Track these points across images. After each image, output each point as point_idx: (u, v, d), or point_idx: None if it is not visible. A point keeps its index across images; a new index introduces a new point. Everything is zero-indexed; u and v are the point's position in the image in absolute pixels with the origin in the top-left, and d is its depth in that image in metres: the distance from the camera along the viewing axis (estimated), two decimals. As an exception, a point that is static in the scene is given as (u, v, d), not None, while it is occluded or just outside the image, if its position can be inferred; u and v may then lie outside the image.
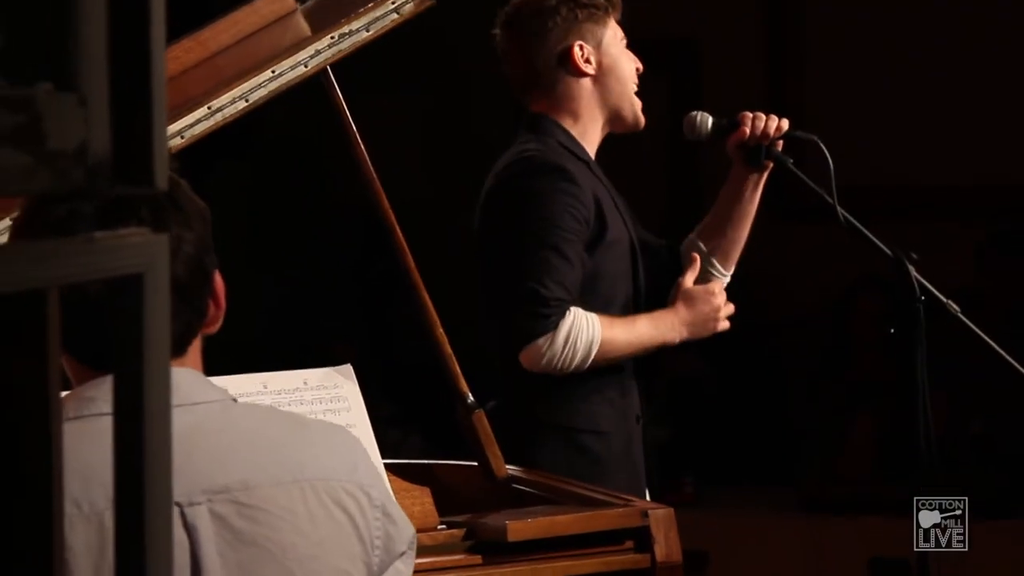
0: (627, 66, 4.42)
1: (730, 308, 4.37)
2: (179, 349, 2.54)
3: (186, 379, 2.52)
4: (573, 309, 4.18)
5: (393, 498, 2.72)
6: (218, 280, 2.60)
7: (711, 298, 4.31)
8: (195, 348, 2.59)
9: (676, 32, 4.58)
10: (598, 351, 4.20)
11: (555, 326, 4.16)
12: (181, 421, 2.46)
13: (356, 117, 3.64)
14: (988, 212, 7.12)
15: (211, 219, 2.55)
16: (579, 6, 4.36)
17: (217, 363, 3.17)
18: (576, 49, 4.37)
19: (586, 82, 4.40)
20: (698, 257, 4.39)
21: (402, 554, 2.67)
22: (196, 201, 2.53)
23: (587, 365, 4.21)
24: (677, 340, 4.34)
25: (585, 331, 4.17)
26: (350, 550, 2.58)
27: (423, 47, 6.46)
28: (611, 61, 4.40)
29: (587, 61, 4.38)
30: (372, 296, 7.78)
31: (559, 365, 4.18)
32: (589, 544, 3.44)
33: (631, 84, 4.43)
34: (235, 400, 2.62)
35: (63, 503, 1.44)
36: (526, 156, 4.33)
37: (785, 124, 4.39)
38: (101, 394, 2.43)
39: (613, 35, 4.41)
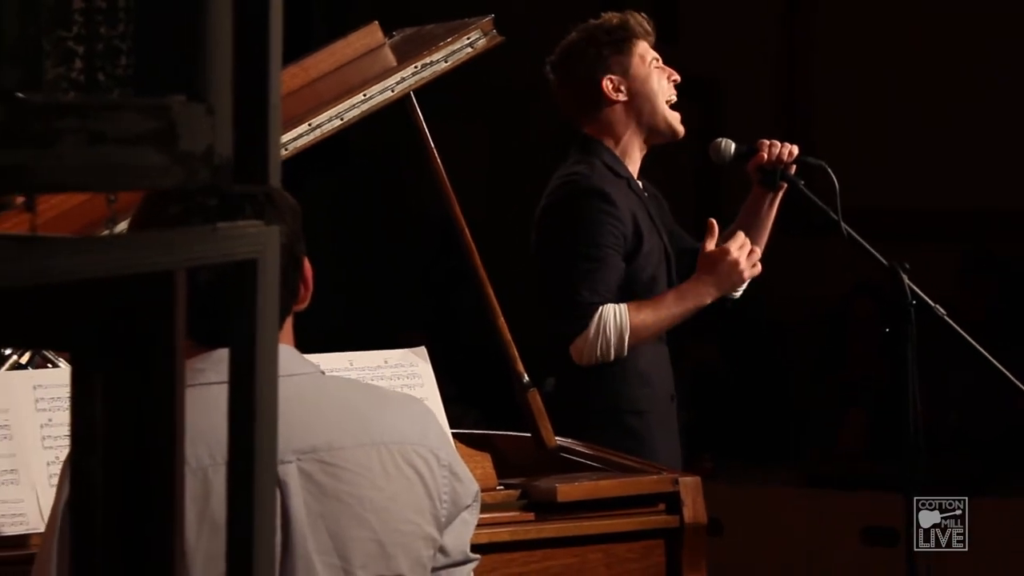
0: (657, 84, 4.40)
1: (756, 255, 4.31)
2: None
3: (283, 354, 2.52)
4: (602, 307, 4.19)
5: (460, 459, 2.72)
6: (307, 265, 2.62)
7: (727, 255, 4.25)
8: (288, 325, 2.61)
9: (704, 72, 4.58)
10: (631, 334, 4.21)
11: (586, 325, 4.18)
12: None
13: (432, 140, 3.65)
14: (963, 235, 7.09)
15: (301, 213, 2.57)
16: (602, 44, 4.38)
17: (308, 344, 3.17)
18: (606, 82, 4.37)
19: (619, 108, 4.40)
20: (715, 222, 4.35)
21: (468, 507, 2.68)
22: (288, 198, 2.54)
23: (627, 347, 4.22)
24: (708, 300, 4.29)
25: (612, 322, 4.19)
26: (419, 504, 2.59)
27: (490, 82, 6.47)
28: (639, 85, 4.39)
29: (617, 90, 4.38)
30: (438, 291, 7.79)
31: (599, 354, 4.20)
32: (627, 506, 3.43)
33: (662, 99, 4.40)
34: (323, 373, 2.64)
35: (184, 461, 1.44)
36: (572, 179, 4.35)
37: (797, 150, 4.38)
38: (209, 366, 2.45)
39: (640, 60, 4.39)
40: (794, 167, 4.40)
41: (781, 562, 6.32)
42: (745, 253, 4.28)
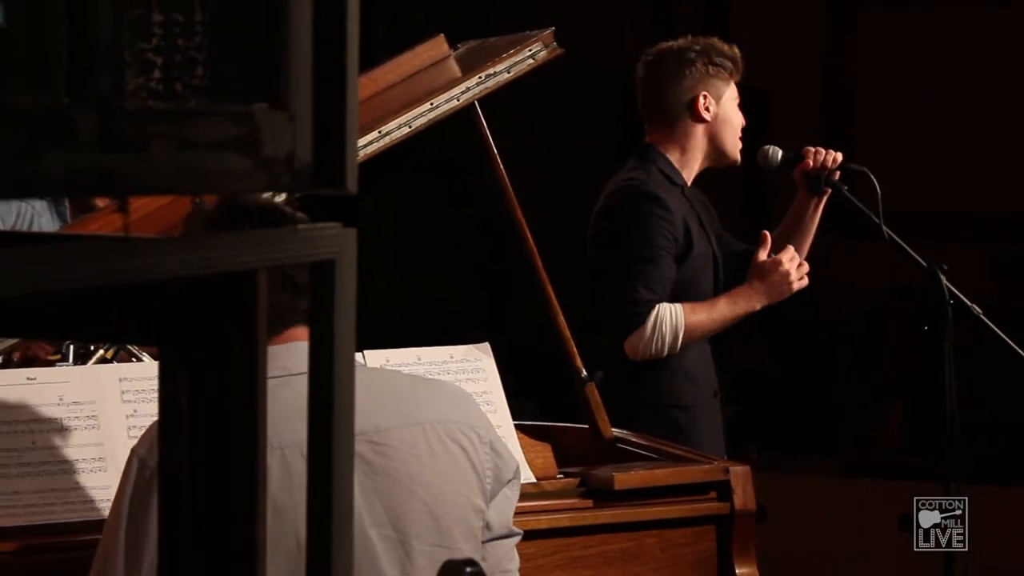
0: (736, 120, 4.40)
1: (804, 268, 4.30)
2: None
3: None
4: (659, 305, 4.19)
5: (499, 437, 2.77)
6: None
7: (778, 267, 4.26)
8: None
9: (753, 83, 4.55)
10: (685, 333, 4.22)
11: (643, 321, 4.17)
12: None
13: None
14: (999, 236, 7.06)
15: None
16: (712, 64, 4.36)
17: (375, 342, 3.17)
18: (701, 98, 4.36)
19: (702, 126, 4.39)
20: (768, 234, 4.35)
21: (509, 481, 2.72)
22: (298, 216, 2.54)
23: (680, 345, 4.21)
24: (758, 307, 4.29)
25: (668, 320, 4.19)
26: (466, 477, 2.63)
27: (553, 95, 6.48)
28: (725, 114, 4.38)
29: (707, 109, 4.36)
30: (497, 292, 7.79)
31: (653, 350, 4.21)
32: (680, 494, 3.42)
33: (738, 134, 4.41)
34: (364, 365, 2.75)
35: (266, 444, 1.44)
36: (630, 184, 4.34)
37: (840, 157, 4.37)
38: (279, 358, 2.47)
39: (731, 94, 4.40)
40: (838, 173, 4.38)
41: (822, 548, 6.30)
42: (795, 265, 4.28)
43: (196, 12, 1.32)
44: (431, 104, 3.48)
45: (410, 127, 3.45)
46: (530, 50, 3.61)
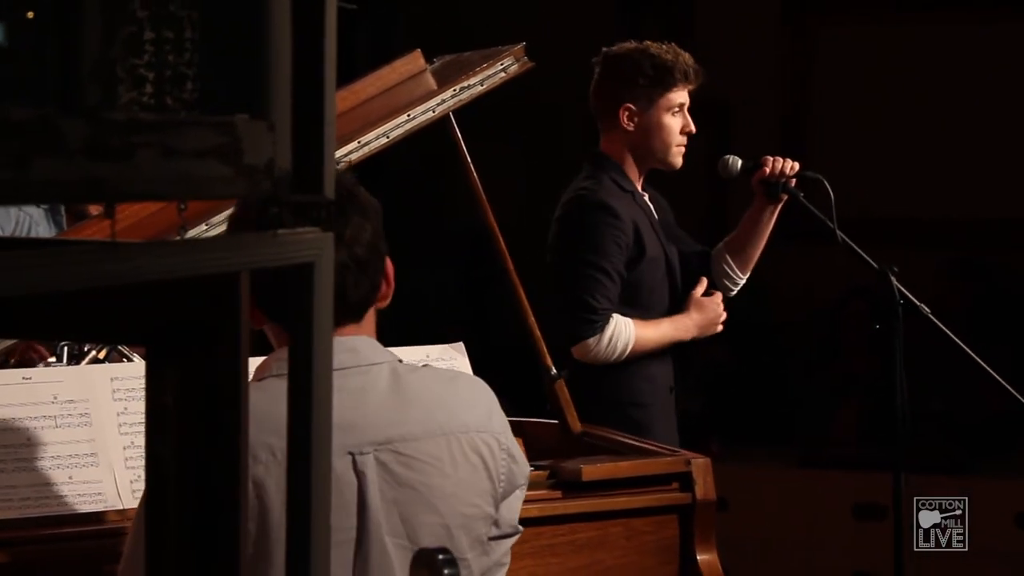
0: (670, 126, 4.35)
1: (723, 316, 4.39)
2: (358, 315, 2.52)
3: (363, 344, 2.50)
4: (615, 316, 4.23)
5: (515, 441, 2.68)
6: (388, 263, 2.59)
7: (716, 306, 4.36)
8: (370, 317, 2.56)
9: (714, 96, 4.56)
10: (632, 347, 4.27)
11: (601, 330, 4.21)
12: (356, 381, 2.46)
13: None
14: (946, 242, 7.08)
15: (382, 213, 2.55)
16: (643, 75, 4.31)
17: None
18: (623, 110, 4.34)
19: (625, 136, 4.37)
20: (704, 280, 4.41)
21: (520, 486, 2.64)
22: (372, 200, 2.53)
23: (625, 356, 4.24)
24: (688, 338, 4.40)
25: (623, 334, 4.24)
26: (482, 487, 2.55)
27: (525, 104, 6.47)
28: (653, 123, 4.34)
29: (630, 121, 4.34)
30: (473, 293, 7.78)
31: (601, 357, 4.25)
32: (644, 485, 3.42)
33: (670, 141, 4.36)
34: (401, 361, 2.57)
35: (248, 440, 1.43)
36: (581, 195, 4.34)
37: (797, 166, 4.37)
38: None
39: (665, 105, 4.33)
40: (794, 180, 4.38)
41: (780, 536, 6.30)
42: (722, 310, 4.39)
43: (186, 30, 1.32)
44: (408, 115, 3.48)
45: (388, 137, 3.45)
46: (502, 64, 3.62)
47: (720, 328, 4.42)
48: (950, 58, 7.20)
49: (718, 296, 4.41)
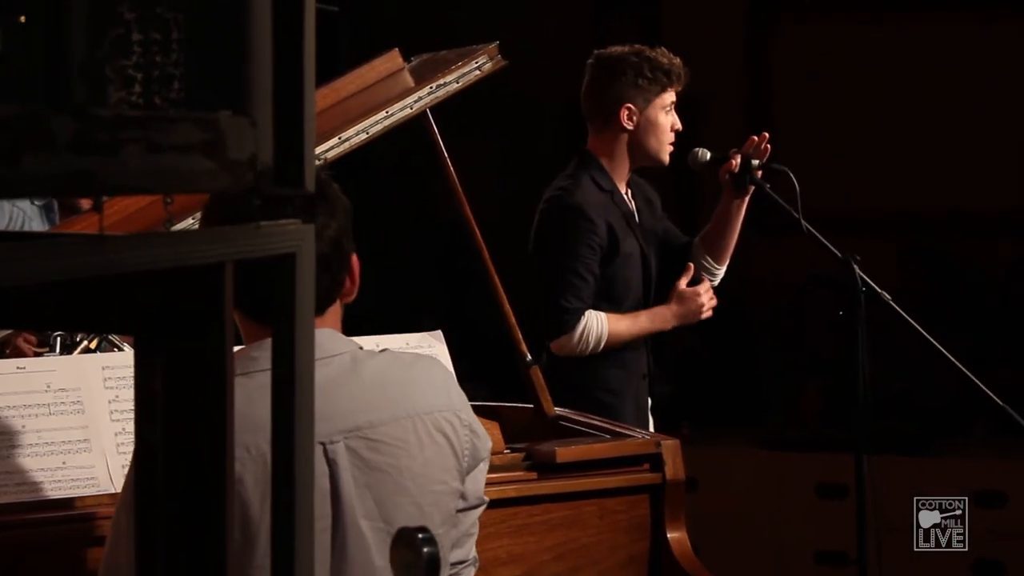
0: (664, 125, 4.39)
1: (714, 302, 4.41)
2: (319, 310, 2.51)
3: (324, 336, 2.50)
4: (587, 313, 4.25)
5: (475, 417, 2.71)
6: (355, 260, 2.59)
7: (697, 297, 4.39)
8: (334, 311, 2.57)
9: (683, 92, 4.55)
10: (607, 341, 4.31)
11: (572, 327, 4.24)
12: (321, 373, 2.44)
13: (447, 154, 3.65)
14: (904, 232, 7.11)
15: (351, 212, 2.54)
16: (641, 76, 4.35)
17: (344, 328, 3.16)
18: (624, 109, 4.36)
19: (625, 135, 4.39)
20: (692, 265, 4.43)
21: (483, 459, 2.66)
22: (342, 198, 2.52)
23: (601, 349, 4.27)
24: (670, 328, 4.43)
25: (595, 329, 4.27)
26: (448, 464, 2.57)
27: (503, 101, 6.47)
28: (650, 122, 4.38)
29: (629, 119, 4.37)
30: (452, 283, 7.78)
31: (576, 352, 4.29)
32: (616, 466, 3.43)
33: (664, 140, 4.40)
34: (361, 348, 2.59)
35: (234, 430, 1.42)
36: (558, 195, 4.37)
37: (768, 148, 4.38)
38: (262, 354, 2.40)
39: (661, 104, 4.38)
40: (760, 172, 4.39)
41: (748, 513, 6.32)
42: (708, 297, 4.37)
43: (172, 31, 1.32)
44: (387, 112, 3.48)
45: (368, 133, 3.45)
46: (477, 62, 3.62)
47: (706, 315, 4.43)
48: (904, 56, 7.23)
49: (703, 286, 4.41)
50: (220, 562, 1.36)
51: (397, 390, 2.55)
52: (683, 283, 4.39)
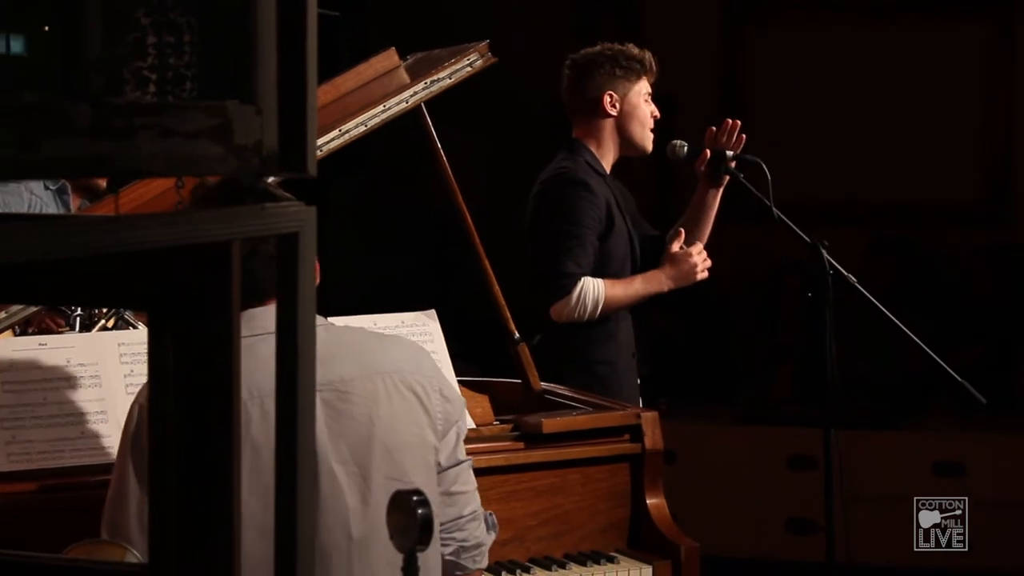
0: (644, 112, 4.41)
1: (708, 263, 4.36)
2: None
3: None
4: (583, 278, 4.21)
5: (449, 383, 2.80)
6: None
7: (688, 258, 4.32)
8: None
9: (661, 90, 4.57)
10: (604, 304, 4.25)
11: (569, 291, 4.20)
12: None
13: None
14: (870, 221, 7.12)
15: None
16: (619, 66, 4.38)
17: (340, 309, 3.18)
18: (607, 96, 4.37)
19: (609, 120, 4.40)
20: (683, 230, 4.40)
21: (456, 422, 2.74)
22: (286, 195, 2.54)
23: (598, 314, 4.24)
24: (666, 289, 4.36)
25: (591, 292, 4.22)
26: (419, 418, 2.66)
27: (492, 96, 6.46)
28: (631, 108, 4.39)
29: (613, 106, 4.38)
30: (442, 270, 7.78)
31: (575, 316, 4.23)
32: (599, 436, 3.44)
33: (645, 125, 4.42)
34: (332, 324, 2.73)
35: (240, 392, 1.44)
36: (561, 171, 4.35)
37: (744, 137, 4.38)
38: (248, 321, 2.47)
39: (638, 91, 4.40)
40: (734, 163, 4.39)
41: (723, 485, 6.33)
42: (702, 258, 4.34)
43: (184, 35, 1.33)
44: (384, 106, 3.48)
45: (366, 126, 3.45)
46: (468, 59, 3.62)
47: (701, 276, 4.36)
48: (867, 58, 7.25)
49: (696, 248, 4.35)
50: (228, 516, 1.38)
51: (368, 354, 2.65)
52: (676, 246, 4.35)
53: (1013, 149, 7.15)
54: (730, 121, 4.41)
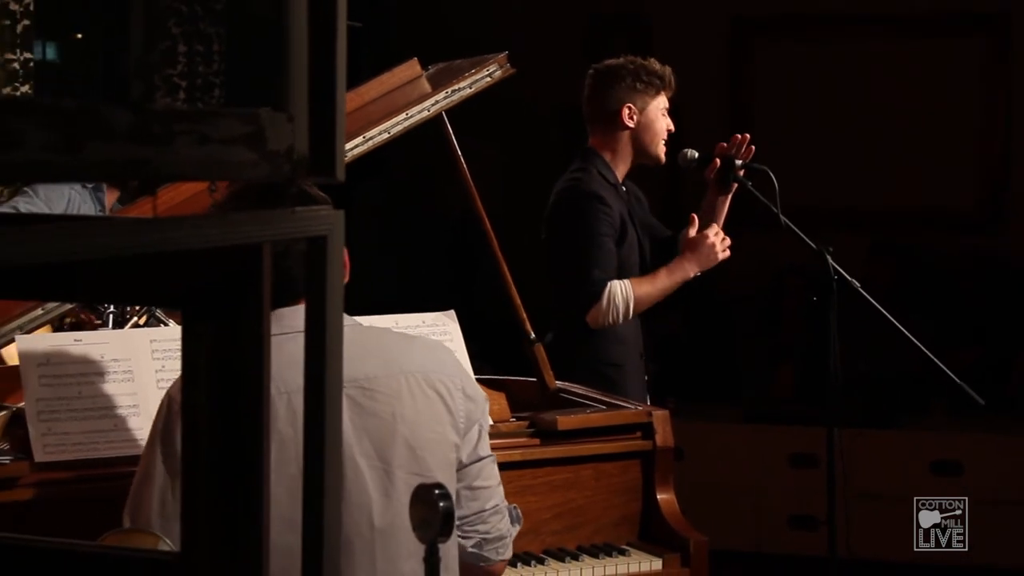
0: (660, 126, 4.40)
1: (727, 242, 4.33)
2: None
3: None
4: (610, 282, 4.21)
5: (472, 381, 2.78)
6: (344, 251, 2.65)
7: (706, 240, 4.28)
8: None
9: (670, 100, 4.56)
10: (635, 303, 4.25)
11: (599, 297, 4.19)
12: None
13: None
14: (872, 226, 7.11)
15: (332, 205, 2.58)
16: (639, 80, 4.36)
17: (365, 309, 3.18)
18: (626, 109, 4.36)
19: (627, 132, 4.40)
20: (695, 216, 4.37)
21: (478, 421, 2.75)
22: (321, 194, 2.54)
23: (632, 313, 4.24)
24: (691, 275, 4.31)
25: (620, 294, 4.22)
26: (441, 417, 2.66)
27: (507, 111, 6.47)
28: (649, 122, 4.38)
29: (631, 118, 4.37)
30: (461, 273, 7.78)
31: (610, 320, 4.23)
32: (611, 434, 3.44)
33: (660, 138, 4.41)
34: (360, 324, 2.72)
35: (270, 389, 1.44)
36: (574, 184, 4.34)
37: (752, 148, 4.37)
38: (277, 320, 2.43)
39: (657, 105, 4.39)
40: (743, 171, 4.39)
41: (728, 481, 6.33)
42: (720, 239, 4.31)
43: (214, 44, 1.33)
44: (407, 114, 3.48)
45: (389, 133, 3.45)
46: (488, 70, 3.62)
47: (723, 256, 4.30)
48: (867, 71, 7.25)
49: (711, 229, 4.31)
50: (257, 506, 1.38)
51: (393, 353, 2.65)
52: (692, 231, 4.33)
53: (1011, 154, 7.14)
54: (739, 136, 4.40)
